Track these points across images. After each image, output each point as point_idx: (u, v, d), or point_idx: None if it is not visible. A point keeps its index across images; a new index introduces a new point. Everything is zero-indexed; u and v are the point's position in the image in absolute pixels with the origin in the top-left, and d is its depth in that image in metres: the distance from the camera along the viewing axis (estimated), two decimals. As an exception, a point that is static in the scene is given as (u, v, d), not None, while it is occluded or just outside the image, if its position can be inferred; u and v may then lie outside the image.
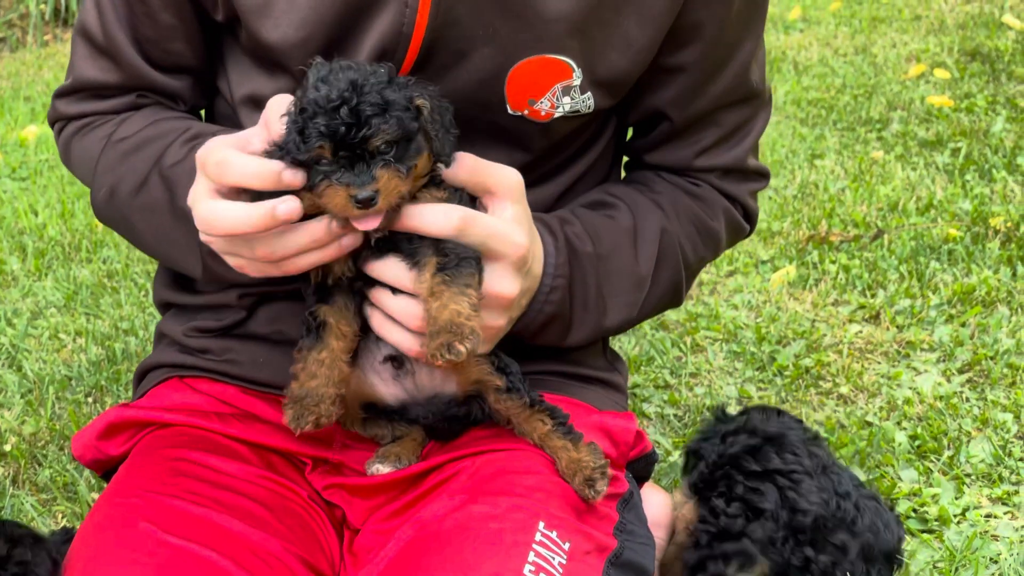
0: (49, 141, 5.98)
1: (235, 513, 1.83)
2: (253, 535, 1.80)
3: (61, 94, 2.10)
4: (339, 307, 1.78)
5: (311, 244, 1.67)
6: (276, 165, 1.64)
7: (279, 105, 1.68)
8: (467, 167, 1.74)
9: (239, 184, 1.66)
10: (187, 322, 2.11)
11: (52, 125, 2.17)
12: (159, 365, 2.14)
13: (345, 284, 1.77)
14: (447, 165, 1.73)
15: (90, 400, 3.36)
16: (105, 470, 2.11)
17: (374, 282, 1.76)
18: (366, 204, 1.59)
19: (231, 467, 1.93)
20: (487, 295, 1.74)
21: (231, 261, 1.76)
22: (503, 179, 1.78)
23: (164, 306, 2.20)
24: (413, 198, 1.70)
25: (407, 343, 1.76)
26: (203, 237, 1.75)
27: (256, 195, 1.66)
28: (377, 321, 1.78)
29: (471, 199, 1.78)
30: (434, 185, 1.73)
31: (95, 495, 2.81)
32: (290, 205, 1.62)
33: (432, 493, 1.86)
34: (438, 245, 1.70)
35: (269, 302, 2.03)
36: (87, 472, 2.91)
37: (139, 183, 1.93)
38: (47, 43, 9.06)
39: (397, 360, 1.86)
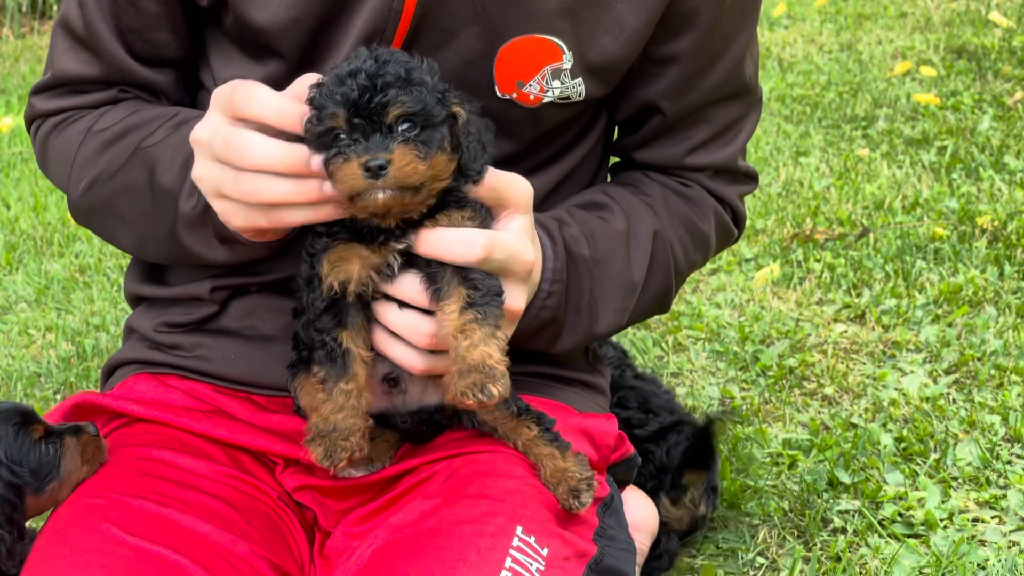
0: (23, 134, 5.93)
1: (201, 514, 1.79)
2: (220, 537, 1.76)
3: (39, 90, 2.05)
4: (357, 329, 1.70)
5: (297, 195, 1.60)
6: (300, 108, 1.59)
7: (306, 80, 1.64)
8: (487, 183, 1.69)
9: (260, 117, 1.61)
10: (157, 317, 2.06)
11: (29, 126, 2.11)
12: (128, 361, 2.10)
13: (359, 302, 1.69)
14: (476, 182, 1.66)
15: (58, 397, 3.32)
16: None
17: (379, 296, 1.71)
18: (375, 173, 1.51)
19: (199, 466, 1.89)
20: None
21: (218, 206, 1.69)
22: (518, 192, 1.73)
23: (135, 300, 2.16)
24: (435, 219, 1.64)
25: (410, 360, 1.71)
26: (198, 172, 1.69)
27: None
28: (380, 338, 1.72)
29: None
30: (456, 206, 1.65)
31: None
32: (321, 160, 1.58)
33: (406, 496, 1.82)
34: (463, 273, 1.64)
35: (241, 296, 1.99)
36: (53, 470, 2.85)
37: (118, 167, 1.89)
38: (24, 35, 9.02)
39: (394, 379, 1.80)
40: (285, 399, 1.92)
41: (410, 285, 1.67)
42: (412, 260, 1.66)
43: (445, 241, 1.63)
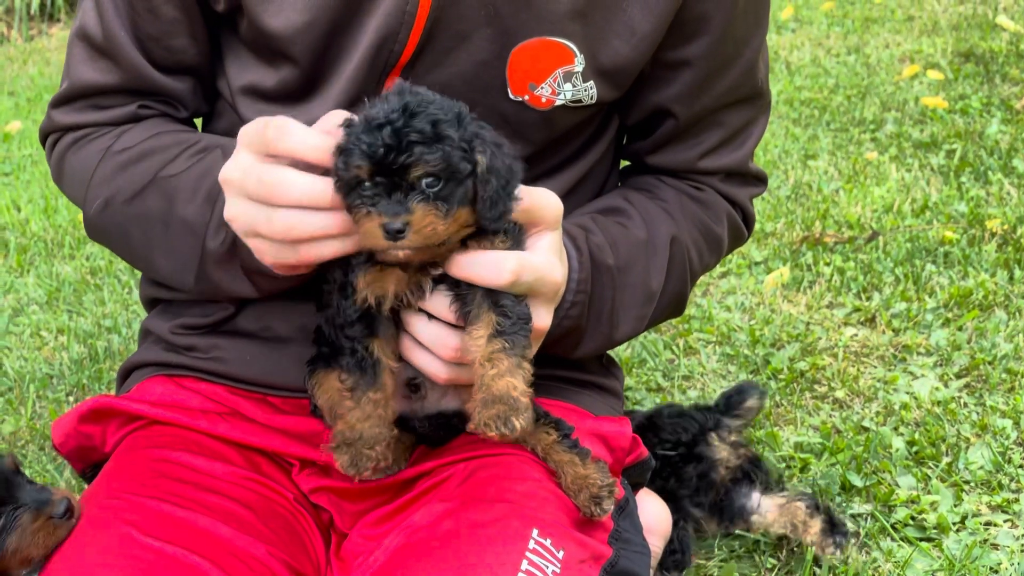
0: (33, 136, 5.93)
1: (218, 516, 1.79)
2: (237, 538, 1.76)
3: (57, 103, 2.02)
4: (388, 339, 1.70)
5: (331, 228, 1.59)
6: (333, 142, 1.57)
7: (335, 117, 1.62)
8: (522, 205, 1.67)
9: (294, 152, 1.59)
10: (173, 319, 2.06)
11: (44, 140, 2.08)
12: (144, 364, 2.10)
13: (391, 313, 1.69)
14: (494, 232, 1.64)
15: (71, 399, 3.31)
16: (86, 465, 2.07)
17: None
18: (394, 236, 1.50)
19: (215, 468, 1.89)
20: None
21: (252, 244, 1.68)
22: (550, 210, 1.71)
23: (151, 303, 2.15)
24: (465, 244, 1.62)
25: (435, 369, 1.71)
26: (231, 212, 1.66)
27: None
28: (407, 345, 1.73)
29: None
30: (490, 232, 1.64)
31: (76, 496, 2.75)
32: None
33: (422, 498, 1.82)
34: (494, 297, 1.63)
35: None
36: (68, 472, 2.86)
37: (135, 192, 1.87)
38: (32, 38, 9.02)
39: (416, 385, 1.80)
40: (301, 400, 1.92)
41: (440, 303, 1.67)
42: (443, 276, 1.65)
43: (475, 264, 1.62)
